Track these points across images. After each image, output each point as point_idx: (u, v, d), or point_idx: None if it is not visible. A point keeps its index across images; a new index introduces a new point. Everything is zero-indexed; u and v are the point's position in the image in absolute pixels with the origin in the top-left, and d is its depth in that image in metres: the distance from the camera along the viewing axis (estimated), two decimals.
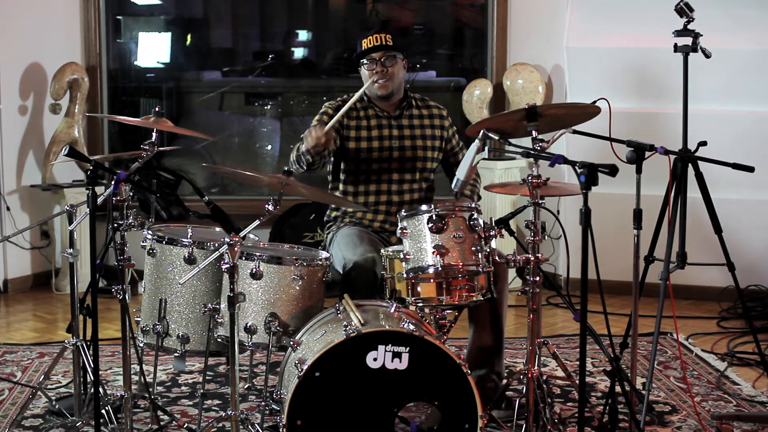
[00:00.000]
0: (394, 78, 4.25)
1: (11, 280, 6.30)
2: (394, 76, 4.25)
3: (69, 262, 3.85)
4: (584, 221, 3.12)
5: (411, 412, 3.42)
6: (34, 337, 5.31)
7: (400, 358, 3.20)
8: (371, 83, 4.23)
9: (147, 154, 3.68)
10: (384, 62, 4.22)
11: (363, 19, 7.66)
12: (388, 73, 4.23)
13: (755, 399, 4.21)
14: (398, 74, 4.27)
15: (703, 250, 4.63)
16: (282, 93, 7.81)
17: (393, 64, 4.23)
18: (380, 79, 4.22)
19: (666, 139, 4.34)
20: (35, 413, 3.99)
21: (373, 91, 4.28)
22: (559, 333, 5.34)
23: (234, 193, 7.22)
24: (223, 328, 3.59)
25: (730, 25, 5.68)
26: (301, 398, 3.18)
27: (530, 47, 6.45)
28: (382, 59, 4.21)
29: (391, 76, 4.24)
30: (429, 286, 3.57)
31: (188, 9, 8.05)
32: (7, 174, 6.24)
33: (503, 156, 6.10)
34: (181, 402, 4.18)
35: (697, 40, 4.21)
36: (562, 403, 4.15)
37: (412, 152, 4.29)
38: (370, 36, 4.25)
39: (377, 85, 4.24)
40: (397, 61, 4.25)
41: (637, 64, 6.04)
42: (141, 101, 7.37)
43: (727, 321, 5.54)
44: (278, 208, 3.38)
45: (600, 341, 3.63)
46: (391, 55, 4.22)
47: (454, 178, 3.65)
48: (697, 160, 4.10)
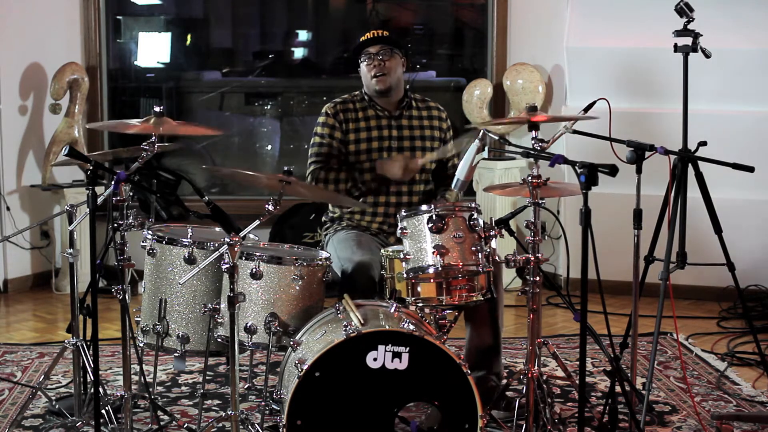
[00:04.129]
0: (392, 72, 4.25)
1: (11, 280, 6.29)
2: (391, 71, 4.25)
3: (69, 262, 3.85)
4: (584, 221, 3.12)
5: (411, 412, 3.42)
6: (34, 337, 5.31)
7: (400, 358, 3.20)
8: (369, 79, 4.25)
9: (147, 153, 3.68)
10: (380, 56, 4.22)
11: (363, 19, 7.65)
12: (385, 67, 4.23)
13: (755, 399, 4.21)
14: (396, 69, 4.27)
15: (703, 250, 4.63)
16: (282, 93, 7.80)
17: (389, 58, 4.23)
18: (377, 74, 4.23)
19: (666, 139, 4.34)
20: (35, 413, 3.99)
21: (371, 87, 4.28)
22: (559, 333, 5.34)
23: (234, 193, 7.21)
24: (223, 328, 3.59)
25: (730, 25, 5.67)
26: (301, 398, 3.18)
27: (530, 47, 6.45)
28: (378, 53, 4.22)
29: (389, 70, 4.24)
30: (429, 286, 3.57)
31: (188, 9, 8.04)
32: (7, 174, 6.24)
33: (503, 156, 6.10)
34: (181, 402, 4.18)
35: (697, 40, 4.21)
36: (562, 403, 4.15)
37: (411, 152, 4.29)
38: (369, 32, 4.28)
39: (375, 80, 4.24)
40: (394, 55, 4.25)
41: (637, 64, 6.04)
42: (141, 101, 7.37)
43: (727, 321, 5.54)
44: (278, 208, 3.37)
45: (600, 341, 3.63)
46: (387, 49, 4.23)
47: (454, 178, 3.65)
48: (697, 160, 4.10)
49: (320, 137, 4.28)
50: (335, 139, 4.25)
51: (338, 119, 4.27)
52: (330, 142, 4.25)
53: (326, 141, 4.26)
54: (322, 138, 4.27)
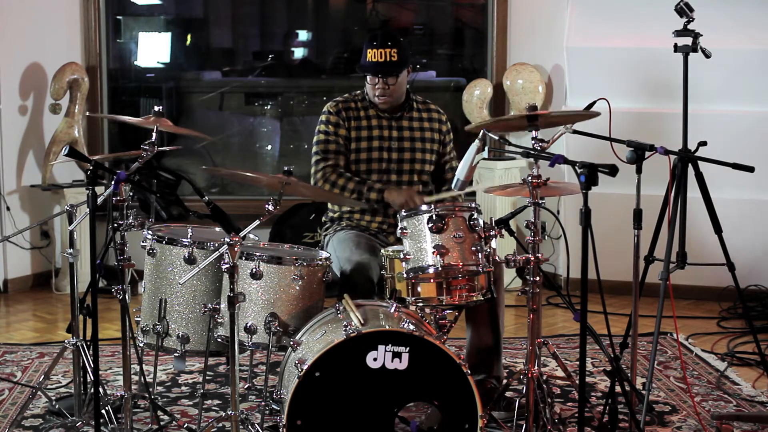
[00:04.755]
0: (396, 93, 4.23)
1: (11, 280, 6.29)
2: (395, 92, 4.23)
3: (69, 262, 3.85)
4: (584, 221, 3.12)
5: (411, 412, 3.42)
6: (34, 337, 5.31)
7: (400, 358, 3.20)
8: (373, 96, 4.23)
9: (147, 154, 3.68)
10: (386, 79, 4.19)
11: (363, 19, 7.66)
12: (389, 90, 4.21)
13: (755, 399, 4.21)
14: (400, 87, 4.24)
15: (703, 250, 4.63)
16: (282, 93, 7.80)
17: (395, 81, 4.20)
18: (381, 96, 4.22)
19: (666, 139, 4.34)
20: (35, 413, 3.99)
21: (374, 100, 4.27)
22: (559, 333, 5.34)
23: (234, 193, 7.21)
24: (223, 328, 3.59)
25: (730, 25, 5.67)
26: (301, 398, 3.18)
27: (530, 47, 6.45)
28: (385, 79, 4.19)
29: (392, 92, 4.23)
30: (429, 286, 3.58)
31: (188, 9, 8.04)
32: (7, 174, 6.24)
33: (503, 156, 6.10)
34: (181, 402, 4.18)
35: (697, 40, 4.21)
36: (562, 403, 4.15)
37: (410, 154, 4.29)
38: (376, 50, 4.16)
39: (378, 99, 4.23)
40: (401, 75, 4.23)
41: (637, 64, 6.04)
42: (141, 101, 7.37)
43: (727, 321, 5.54)
44: (278, 208, 3.37)
45: (600, 341, 3.63)
46: (394, 74, 4.19)
47: (454, 178, 3.65)
48: (697, 160, 4.10)
49: (325, 134, 4.27)
50: (341, 136, 4.25)
51: (341, 117, 4.27)
52: (336, 138, 4.24)
53: (332, 138, 4.25)
54: (327, 135, 4.26)
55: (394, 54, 4.16)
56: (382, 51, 4.16)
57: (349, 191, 4.16)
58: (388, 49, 4.16)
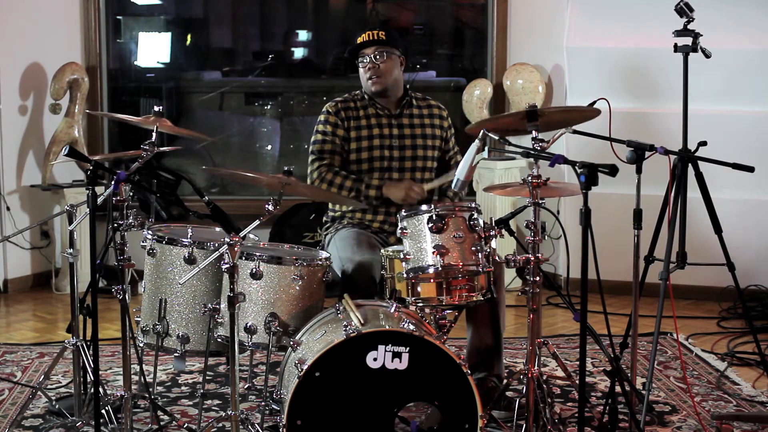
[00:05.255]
0: (387, 74, 4.23)
1: (11, 280, 6.29)
2: (386, 72, 4.23)
3: (69, 262, 3.85)
4: (584, 221, 3.12)
5: (411, 412, 3.42)
6: (34, 337, 5.31)
7: (400, 358, 3.20)
8: (365, 81, 4.24)
9: (147, 154, 3.68)
10: (375, 58, 4.21)
11: (363, 19, 7.65)
12: (379, 70, 4.22)
13: (755, 399, 4.21)
14: (392, 70, 4.24)
15: (703, 250, 4.63)
16: (282, 93, 7.80)
17: (385, 60, 4.21)
18: (372, 76, 4.22)
19: (666, 139, 4.34)
20: (35, 413, 3.99)
21: (368, 88, 4.28)
22: (559, 333, 5.34)
23: (234, 193, 7.21)
24: (223, 328, 3.59)
25: (730, 25, 5.67)
26: (301, 398, 3.18)
27: (530, 47, 6.45)
28: (374, 55, 4.21)
29: (383, 72, 4.22)
30: (429, 286, 3.57)
31: (188, 9, 8.04)
32: (7, 174, 6.24)
33: (503, 156, 6.10)
34: (181, 402, 4.18)
35: (697, 40, 4.21)
36: (562, 403, 4.15)
37: (412, 151, 4.29)
38: (364, 33, 4.24)
39: (370, 81, 4.24)
40: (391, 56, 4.23)
41: (637, 64, 6.04)
42: (141, 101, 7.37)
43: (727, 321, 5.54)
44: (278, 208, 3.38)
45: (600, 341, 3.63)
46: (382, 51, 4.21)
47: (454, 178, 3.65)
48: (697, 160, 4.10)
49: (323, 134, 4.28)
50: (338, 137, 4.25)
51: (340, 117, 4.27)
52: (333, 139, 4.25)
53: (329, 138, 4.25)
54: (324, 135, 4.27)
55: (382, 35, 4.22)
56: (370, 33, 4.23)
57: (347, 190, 4.16)
58: (376, 30, 4.24)
